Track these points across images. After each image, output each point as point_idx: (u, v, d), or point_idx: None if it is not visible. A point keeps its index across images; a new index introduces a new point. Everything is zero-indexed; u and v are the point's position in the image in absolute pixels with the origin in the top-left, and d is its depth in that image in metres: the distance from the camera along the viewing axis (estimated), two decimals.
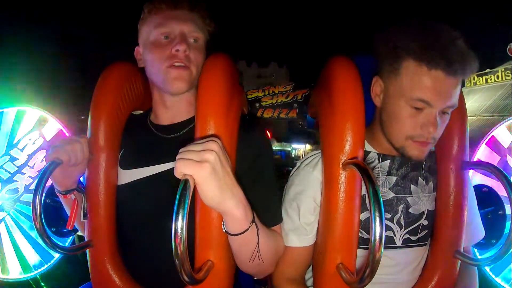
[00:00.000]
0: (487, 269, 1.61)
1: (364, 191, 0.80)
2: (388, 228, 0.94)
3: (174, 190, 0.61)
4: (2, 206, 1.82)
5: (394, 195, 0.96)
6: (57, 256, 1.86)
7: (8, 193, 1.82)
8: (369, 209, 0.77)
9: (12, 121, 1.82)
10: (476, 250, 1.44)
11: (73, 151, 0.84)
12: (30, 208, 0.78)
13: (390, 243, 0.95)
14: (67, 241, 1.77)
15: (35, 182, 0.77)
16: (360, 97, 0.82)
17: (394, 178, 0.96)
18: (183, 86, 0.90)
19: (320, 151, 0.94)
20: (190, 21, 0.93)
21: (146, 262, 0.92)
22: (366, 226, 0.93)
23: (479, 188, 1.56)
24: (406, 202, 0.96)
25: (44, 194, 0.78)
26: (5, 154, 1.81)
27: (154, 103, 1.01)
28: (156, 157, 0.93)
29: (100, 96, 0.94)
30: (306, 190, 0.95)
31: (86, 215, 0.92)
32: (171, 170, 0.66)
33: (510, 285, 1.58)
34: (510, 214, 1.47)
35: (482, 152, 1.71)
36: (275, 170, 0.95)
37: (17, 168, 1.82)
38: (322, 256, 0.86)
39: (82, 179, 0.95)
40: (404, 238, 0.96)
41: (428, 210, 0.98)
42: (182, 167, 0.64)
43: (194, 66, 0.91)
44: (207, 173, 0.64)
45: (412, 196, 0.97)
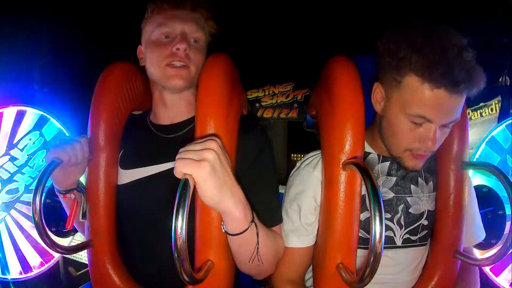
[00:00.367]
0: (487, 269, 1.61)
1: (364, 191, 0.80)
2: (388, 228, 0.94)
3: (174, 190, 0.61)
4: (2, 206, 1.82)
5: (394, 195, 0.96)
6: (57, 256, 1.86)
7: (8, 193, 1.82)
8: (369, 209, 0.77)
9: (12, 121, 1.82)
10: (476, 250, 1.44)
11: (73, 151, 0.84)
12: (30, 208, 0.77)
13: (390, 243, 0.95)
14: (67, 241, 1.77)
15: (35, 182, 0.77)
16: (360, 97, 0.81)
17: (394, 179, 0.96)
18: (181, 83, 0.90)
19: (320, 151, 0.94)
20: (191, 21, 0.93)
21: (146, 262, 0.92)
22: (366, 226, 0.93)
23: (479, 188, 1.56)
24: (406, 202, 0.96)
25: (44, 194, 0.78)
26: (5, 154, 1.81)
27: (154, 103, 1.01)
28: (156, 157, 0.93)
29: (100, 96, 0.94)
30: (307, 190, 0.94)
31: (85, 215, 0.92)
32: (171, 170, 0.66)
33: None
34: (510, 214, 1.47)
35: (482, 152, 1.71)
36: (275, 170, 0.95)
37: (17, 168, 1.82)
38: (322, 256, 0.86)
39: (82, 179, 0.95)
40: (404, 238, 0.96)
41: (428, 210, 0.98)
42: (182, 167, 0.64)
43: (194, 65, 0.91)
44: (206, 172, 0.64)
45: (412, 196, 0.97)
